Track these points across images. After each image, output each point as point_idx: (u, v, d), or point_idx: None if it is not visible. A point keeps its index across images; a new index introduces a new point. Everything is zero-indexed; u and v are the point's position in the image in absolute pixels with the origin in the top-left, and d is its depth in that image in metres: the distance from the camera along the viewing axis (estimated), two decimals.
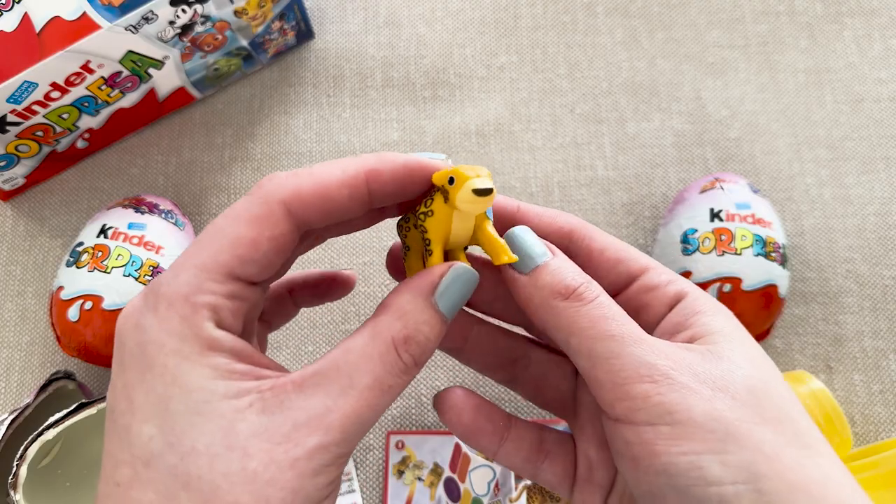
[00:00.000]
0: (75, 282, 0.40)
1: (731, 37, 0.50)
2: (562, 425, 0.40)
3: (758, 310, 0.38)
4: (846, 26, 0.50)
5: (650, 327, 0.25)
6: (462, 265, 0.23)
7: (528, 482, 0.39)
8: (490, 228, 0.24)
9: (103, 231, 0.42)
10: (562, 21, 0.51)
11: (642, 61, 0.50)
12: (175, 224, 0.43)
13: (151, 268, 0.41)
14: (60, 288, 0.41)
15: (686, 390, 0.21)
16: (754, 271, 0.38)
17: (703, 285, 0.38)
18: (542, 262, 0.24)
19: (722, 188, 0.41)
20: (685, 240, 0.40)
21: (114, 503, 0.20)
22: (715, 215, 0.40)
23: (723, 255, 0.39)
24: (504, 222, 0.26)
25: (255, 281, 0.22)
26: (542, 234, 0.26)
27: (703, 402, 0.21)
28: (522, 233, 0.25)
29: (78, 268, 0.41)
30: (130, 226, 0.42)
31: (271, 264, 0.21)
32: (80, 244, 0.42)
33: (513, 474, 0.39)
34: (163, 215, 0.43)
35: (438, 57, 0.50)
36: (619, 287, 0.26)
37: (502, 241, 0.24)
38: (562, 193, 0.47)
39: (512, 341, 0.28)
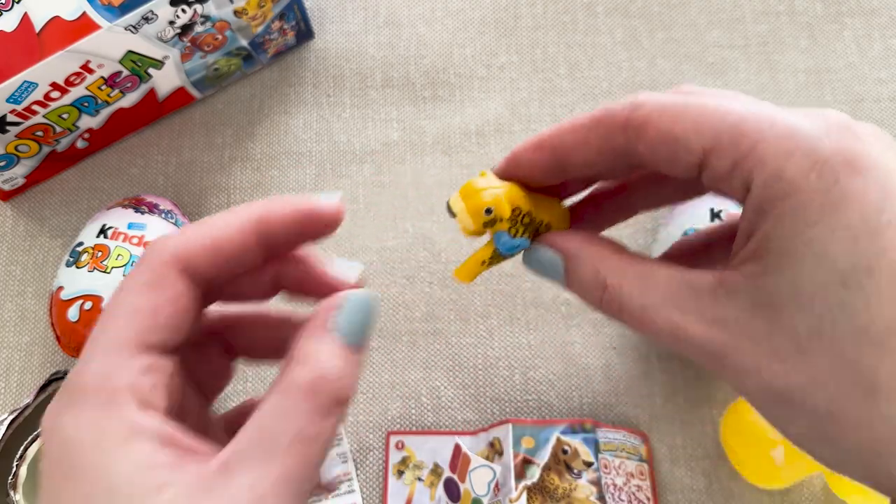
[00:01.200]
0: (75, 282, 0.40)
1: (731, 37, 0.50)
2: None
3: None
4: (846, 26, 0.50)
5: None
6: (351, 291, 0.23)
7: (528, 482, 0.39)
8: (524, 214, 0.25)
9: (103, 231, 0.42)
10: (562, 21, 0.51)
11: (642, 61, 0.50)
12: (175, 224, 0.44)
13: None
14: (60, 288, 0.41)
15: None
16: None
17: None
18: (561, 277, 0.24)
19: None
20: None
21: None
22: (715, 215, 0.40)
23: None
24: (509, 176, 0.25)
25: (166, 348, 0.21)
26: (592, 163, 0.23)
27: None
28: (533, 251, 0.25)
29: (78, 268, 0.41)
30: (130, 226, 0.42)
31: (178, 327, 0.21)
32: (80, 244, 0.42)
33: (513, 474, 0.39)
34: (163, 215, 0.43)
35: (438, 57, 0.50)
36: (691, 175, 0.22)
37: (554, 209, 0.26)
38: None
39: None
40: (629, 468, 0.40)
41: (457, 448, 0.42)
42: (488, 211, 0.25)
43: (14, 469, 0.38)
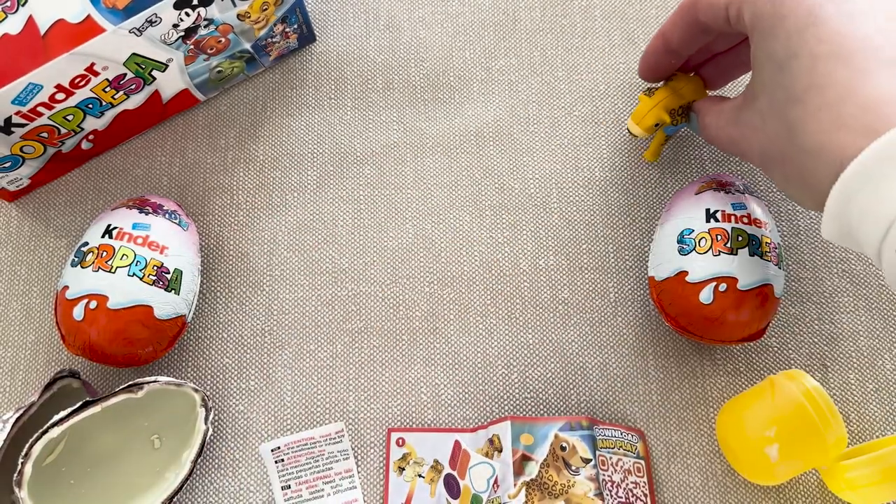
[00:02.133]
0: (80, 281, 0.41)
1: None
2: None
3: (753, 309, 0.39)
4: None
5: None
6: None
7: (527, 478, 0.39)
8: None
9: (108, 231, 0.42)
10: (560, 24, 0.52)
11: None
12: (179, 224, 0.44)
13: (156, 267, 0.41)
14: (65, 287, 0.41)
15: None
16: (750, 271, 0.39)
17: (700, 285, 0.39)
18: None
19: (718, 189, 0.42)
20: (681, 240, 0.41)
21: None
22: (711, 216, 0.41)
23: (718, 254, 0.39)
24: (660, 60, 0.42)
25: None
26: (673, 34, 0.40)
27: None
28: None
29: (83, 267, 0.41)
30: (135, 226, 0.42)
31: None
32: (85, 244, 0.42)
33: (512, 471, 0.39)
34: (167, 216, 0.44)
35: (438, 60, 0.51)
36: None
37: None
38: (559, 194, 0.48)
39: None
40: (626, 465, 0.41)
41: (456, 445, 0.42)
42: (657, 125, 0.44)
43: (20, 467, 0.38)
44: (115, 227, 0.42)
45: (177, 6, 0.41)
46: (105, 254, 0.41)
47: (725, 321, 0.39)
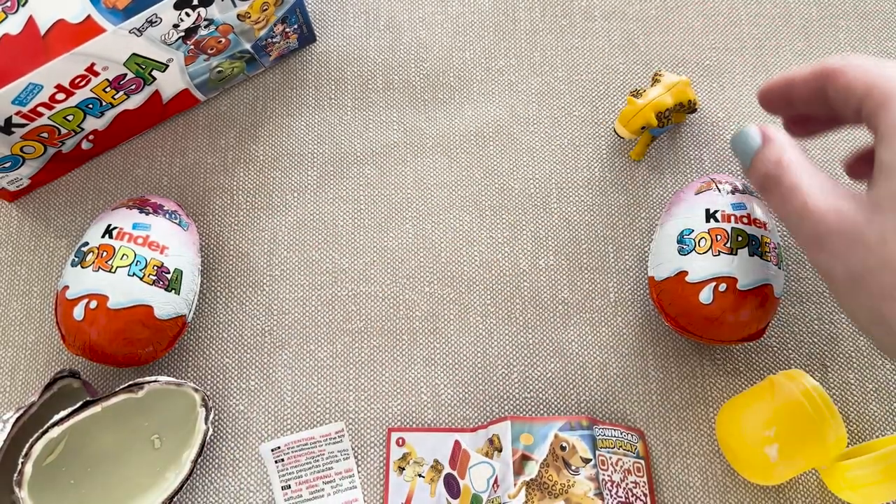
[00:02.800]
0: (80, 281, 0.41)
1: (726, 40, 0.51)
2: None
3: (753, 309, 0.39)
4: (841, 29, 0.51)
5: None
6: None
7: (527, 478, 0.39)
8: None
9: (108, 231, 0.42)
10: (560, 24, 0.52)
11: (639, 64, 0.50)
12: (179, 224, 0.44)
13: (156, 267, 0.41)
14: (66, 287, 0.41)
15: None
16: (750, 271, 0.39)
17: (699, 285, 0.39)
18: (751, 155, 0.33)
19: (718, 189, 0.42)
20: (681, 240, 0.41)
21: None
22: (711, 216, 0.41)
23: (718, 254, 0.39)
24: (778, 100, 0.35)
25: None
26: (805, 98, 0.34)
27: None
28: (743, 130, 0.34)
29: (83, 267, 0.41)
30: (135, 226, 0.42)
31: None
32: (86, 244, 0.42)
33: (512, 471, 0.39)
34: (167, 216, 0.44)
35: (438, 60, 0.51)
36: (859, 121, 0.31)
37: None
38: (559, 194, 0.48)
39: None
40: (626, 465, 0.41)
41: (456, 445, 0.42)
42: (644, 127, 0.44)
43: (20, 467, 0.38)
44: (115, 227, 0.42)
45: (177, 6, 0.41)
46: (105, 254, 0.41)
47: (725, 321, 0.39)
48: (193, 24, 0.43)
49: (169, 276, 0.42)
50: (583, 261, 0.46)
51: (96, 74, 0.42)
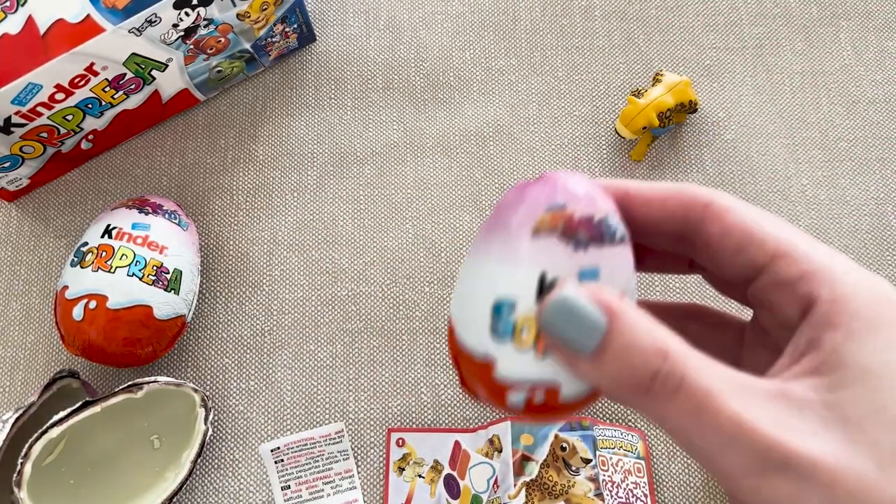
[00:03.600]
0: (80, 281, 0.41)
1: (727, 39, 0.51)
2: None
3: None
4: (841, 28, 0.51)
5: (784, 333, 0.22)
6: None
7: (527, 479, 0.39)
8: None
9: (108, 231, 0.42)
10: (560, 24, 0.51)
11: (639, 64, 0.50)
12: (178, 224, 0.44)
13: (155, 267, 0.41)
14: (65, 287, 0.41)
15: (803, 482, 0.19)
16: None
17: (509, 386, 0.25)
18: (596, 343, 0.21)
19: (564, 239, 0.34)
20: (497, 313, 0.33)
21: None
22: (547, 289, 0.36)
23: (545, 356, 0.34)
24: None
25: None
26: (652, 222, 0.23)
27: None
28: (567, 303, 0.21)
29: (82, 267, 0.41)
30: (134, 226, 0.42)
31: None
32: (85, 244, 0.42)
33: (512, 471, 0.39)
34: (166, 216, 0.44)
35: (438, 60, 0.51)
36: (746, 280, 0.22)
37: None
38: None
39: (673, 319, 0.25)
40: (627, 465, 0.41)
41: (456, 445, 0.42)
42: (645, 127, 0.44)
43: (19, 467, 0.38)
44: (114, 227, 0.42)
45: (176, 6, 0.41)
46: (105, 254, 0.41)
47: (528, 420, 0.37)
48: (193, 23, 0.43)
49: (168, 276, 0.42)
50: None
51: (96, 74, 0.42)
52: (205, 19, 0.43)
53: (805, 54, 0.50)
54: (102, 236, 0.42)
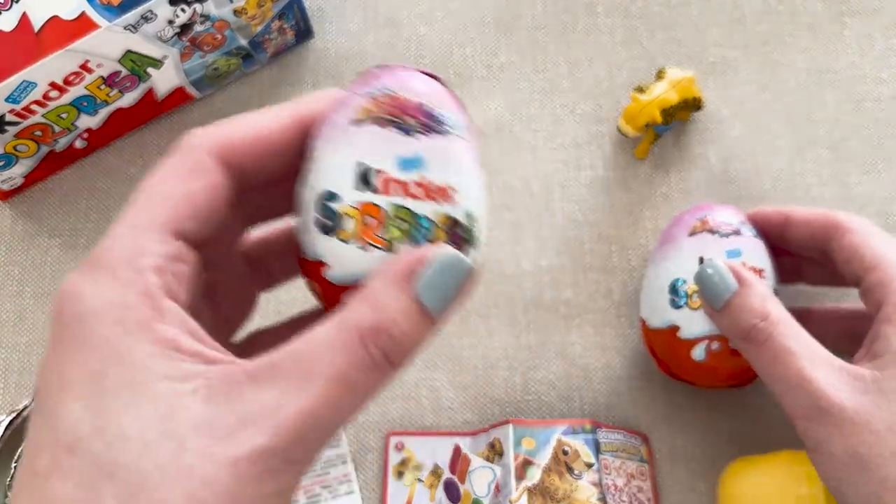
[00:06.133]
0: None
1: (731, 37, 0.50)
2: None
3: (747, 366, 0.35)
4: (847, 26, 0.50)
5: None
6: (450, 250, 0.20)
7: (529, 483, 0.39)
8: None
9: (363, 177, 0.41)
10: (562, 20, 0.51)
11: (643, 61, 0.50)
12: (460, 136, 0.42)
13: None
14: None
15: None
16: None
17: (692, 342, 0.37)
18: (726, 298, 0.31)
19: (711, 233, 0.38)
20: (674, 290, 0.38)
21: (29, 496, 0.17)
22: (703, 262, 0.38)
23: None
24: (772, 229, 0.36)
25: (197, 239, 0.20)
26: (805, 238, 0.34)
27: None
28: (713, 267, 0.32)
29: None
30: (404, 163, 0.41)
31: (210, 219, 0.20)
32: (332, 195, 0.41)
33: (513, 475, 0.39)
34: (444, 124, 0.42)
35: (438, 57, 0.50)
36: (855, 283, 0.32)
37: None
38: (562, 193, 0.47)
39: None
40: (630, 469, 0.40)
41: (457, 449, 0.42)
42: (648, 124, 0.44)
43: (12, 471, 0.38)
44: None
45: (172, 2, 0.41)
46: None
47: (717, 376, 0.38)
48: (189, 20, 0.42)
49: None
50: (586, 260, 0.46)
51: (90, 71, 0.41)
52: (201, 16, 0.42)
53: (810, 52, 0.50)
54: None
